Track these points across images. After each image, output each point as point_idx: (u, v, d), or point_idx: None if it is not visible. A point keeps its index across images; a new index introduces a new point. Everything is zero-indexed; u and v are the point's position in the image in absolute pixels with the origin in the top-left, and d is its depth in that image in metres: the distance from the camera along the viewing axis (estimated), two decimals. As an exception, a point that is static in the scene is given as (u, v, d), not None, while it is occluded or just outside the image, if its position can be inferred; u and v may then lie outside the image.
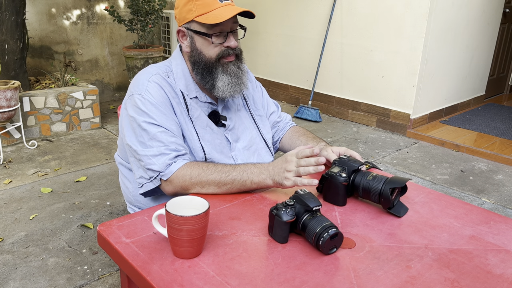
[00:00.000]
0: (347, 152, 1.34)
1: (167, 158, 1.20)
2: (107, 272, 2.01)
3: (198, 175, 1.19)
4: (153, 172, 1.21)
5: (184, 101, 1.31)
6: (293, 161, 1.16)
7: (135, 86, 1.28)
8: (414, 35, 3.81)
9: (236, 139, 1.41)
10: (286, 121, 1.61)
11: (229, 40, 1.27)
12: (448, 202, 1.22)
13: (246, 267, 0.90)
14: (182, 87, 1.32)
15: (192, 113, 1.32)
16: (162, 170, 1.20)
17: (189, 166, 1.20)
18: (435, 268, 0.92)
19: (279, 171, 1.17)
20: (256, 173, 1.20)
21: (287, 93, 5.03)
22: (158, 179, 1.21)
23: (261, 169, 1.20)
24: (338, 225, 1.08)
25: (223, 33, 1.26)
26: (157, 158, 1.20)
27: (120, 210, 2.56)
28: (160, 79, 1.28)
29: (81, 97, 3.84)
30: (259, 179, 1.19)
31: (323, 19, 4.48)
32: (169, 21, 4.97)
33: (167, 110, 1.26)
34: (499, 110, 4.79)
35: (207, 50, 1.27)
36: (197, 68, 1.30)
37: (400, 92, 4.03)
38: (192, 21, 1.26)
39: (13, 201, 2.62)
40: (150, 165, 1.20)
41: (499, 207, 2.77)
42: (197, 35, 1.27)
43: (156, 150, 1.20)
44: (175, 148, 1.22)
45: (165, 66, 1.35)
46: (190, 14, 1.25)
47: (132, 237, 0.99)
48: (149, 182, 1.22)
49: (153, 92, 1.25)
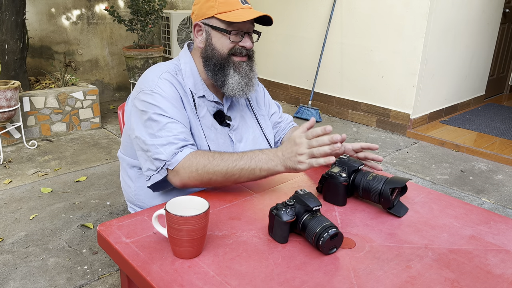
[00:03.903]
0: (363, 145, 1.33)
1: (174, 148, 1.18)
2: (107, 272, 2.01)
3: (204, 166, 1.16)
4: (159, 162, 1.19)
5: (193, 99, 1.31)
6: (303, 143, 1.11)
7: (145, 83, 1.28)
8: (414, 35, 3.81)
9: (240, 139, 1.41)
10: (287, 122, 1.62)
11: (245, 40, 1.30)
12: (448, 202, 1.22)
13: (246, 267, 0.90)
14: (191, 86, 1.32)
15: (199, 112, 1.32)
16: (168, 159, 1.18)
17: (194, 156, 1.18)
18: (435, 268, 0.92)
19: (290, 156, 1.12)
20: (265, 160, 1.15)
21: (287, 93, 5.04)
22: (165, 169, 1.19)
23: (270, 155, 1.15)
24: (338, 225, 1.08)
25: (241, 32, 1.29)
26: (165, 147, 1.18)
27: (120, 210, 2.56)
28: (170, 77, 1.29)
29: (81, 97, 3.84)
30: (268, 166, 1.15)
31: (323, 19, 4.48)
32: (169, 21, 4.97)
33: (178, 104, 1.26)
34: (499, 110, 4.79)
35: (222, 46, 1.29)
36: (209, 64, 1.31)
37: (400, 92, 4.03)
38: (212, 18, 1.28)
39: (13, 201, 2.62)
40: (157, 154, 1.19)
41: (499, 207, 2.77)
42: (215, 30, 1.29)
43: (164, 140, 1.19)
44: (183, 138, 1.21)
45: (173, 64, 1.35)
46: (211, 10, 1.27)
47: (132, 237, 0.99)
48: (156, 173, 1.21)
49: (164, 87, 1.25)
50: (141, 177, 1.38)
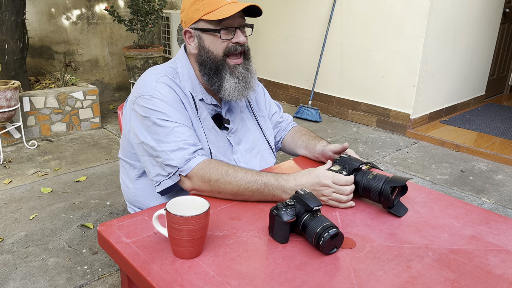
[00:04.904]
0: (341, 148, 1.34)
1: (186, 153, 1.17)
2: (107, 272, 2.01)
3: (217, 180, 1.15)
4: (172, 168, 1.18)
5: (194, 101, 1.30)
6: (330, 187, 1.14)
7: (143, 87, 1.26)
8: (414, 35, 3.81)
9: (238, 142, 1.40)
10: (288, 122, 1.61)
11: (238, 35, 1.27)
12: (449, 202, 1.22)
13: (247, 267, 0.90)
14: (189, 89, 1.31)
15: (201, 114, 1.31)
16: (181, 165, 1.17)
17: (208, 166, 1.17)
18: (436, 268, 0.92)
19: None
20: (280, 190, 1.16)
21: (287, 93, 5.03)
22: (177, 175, 1.18)
23: (285, 187, 1.16)
24: (339, 225, 1.08)
25: (231, 29, 1.26)
26: (175, 153, 1.17)
27: (120, 210, 2.56)
28: (168, 81, 1.27)
29: (81, 97, 3.84)
30: (282, 197, 1.16)
31: (323, 19, 4.48)
32: (169, 21, 4.97)
33: (179, 107, 1.25)
34: (499, 110, 4.79)
35: (215, 48, 1.27)
36: (204, 69, 1.30)
37: (400, 92, 4.03)
38: (200, 21, 1.27)
39: (13, 201, 2.62)
40: (169, 160, 1.17)
41: (499, 207, 2.77)
42: (205, 33, 1.27)
43: (174, 145, 1.18)
44: (193, 143, 1.20)
45: (170, 68, 1.33)
46: (197, 13, 1.26)
47: (132, 237, 0.99)
48: (167, 179, 1.20)
49: (163, 91, 1.24)
50: (140, 179, 1.38)
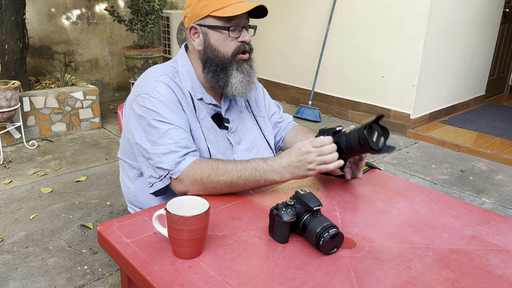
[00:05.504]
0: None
1: (177, 156, 1.18)
2: (107, 272, 2.01)
3: (209, 176, 1.16)
4: (162, 171, 1.19)
5: (192, 101, 1.30)
6: (312, 151, 1.13)
7: (142, 86, 1.26)
8: (414, 35, 3.81)
9: (238, 141, 1.40)
10: (288, 121, 1.61)
11: (244, 34, 1.28)
12: (449, 202, 1.22)
13: (247, 267, 0.90)
14: (189, 88, 1.31)
15: (199, 114, 1.31)
16: (172, 168, 1.17)
17: (198, 165, 1.18)
18: (436, 268, 0.92)
19: (299, 165, 1.14)
20: (270, 171, 1.17)
21: (287, 93, 5.03)
22: (168, 177, 1.19)
23: (274, 166, 1.17)
24: (339, 225, 1.08)
25: (238, 28, 1.27)
26: (167, 156, 1.18)
27: (120, 210, 2.56)
28: (168, 80, 1.27)
29: (81, 97, 3.84)
30: (274, 177, 1.17)
31: (323, 19, 4.48)
32: (169, 21, 4.97)
33: (177, 108, 1.25)
34: (499, 110, 4.79)
35: (223, 46, 1.28)
36: (210, 65, 1.30)
37: (400, 92, 4.03)
38: (208, 17, 1.26)
39: (13, 201, 2.62)
40: (160, 163, 1.18)
41: (499, 207, 2.77)
42: (213, 30, 1.27)
43: (166, 148, 1.18)
44: (185, 145, 1.20)
45: (170, 67, 1.33)
46: (206, 9, 1.25)
47: (132, 237, 0.99)
48: (159, 181, 1.21)
49: (161, 91, 1.24)
50: (139, 178, 1.38)
